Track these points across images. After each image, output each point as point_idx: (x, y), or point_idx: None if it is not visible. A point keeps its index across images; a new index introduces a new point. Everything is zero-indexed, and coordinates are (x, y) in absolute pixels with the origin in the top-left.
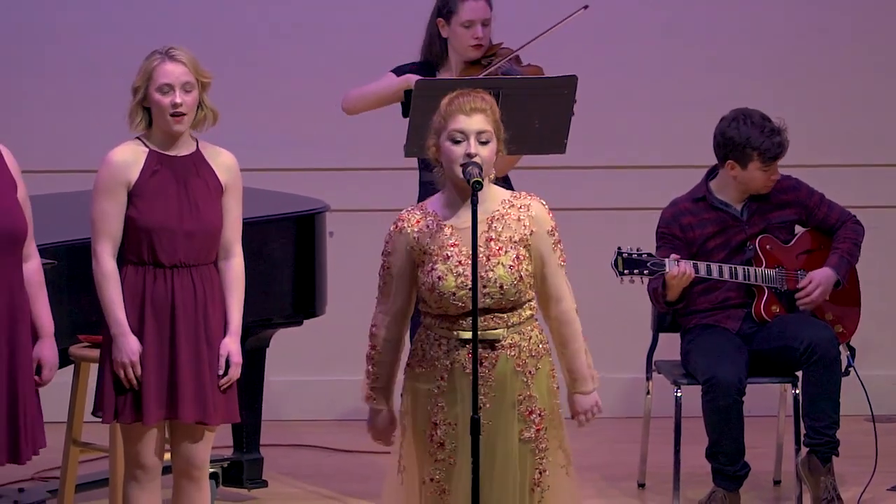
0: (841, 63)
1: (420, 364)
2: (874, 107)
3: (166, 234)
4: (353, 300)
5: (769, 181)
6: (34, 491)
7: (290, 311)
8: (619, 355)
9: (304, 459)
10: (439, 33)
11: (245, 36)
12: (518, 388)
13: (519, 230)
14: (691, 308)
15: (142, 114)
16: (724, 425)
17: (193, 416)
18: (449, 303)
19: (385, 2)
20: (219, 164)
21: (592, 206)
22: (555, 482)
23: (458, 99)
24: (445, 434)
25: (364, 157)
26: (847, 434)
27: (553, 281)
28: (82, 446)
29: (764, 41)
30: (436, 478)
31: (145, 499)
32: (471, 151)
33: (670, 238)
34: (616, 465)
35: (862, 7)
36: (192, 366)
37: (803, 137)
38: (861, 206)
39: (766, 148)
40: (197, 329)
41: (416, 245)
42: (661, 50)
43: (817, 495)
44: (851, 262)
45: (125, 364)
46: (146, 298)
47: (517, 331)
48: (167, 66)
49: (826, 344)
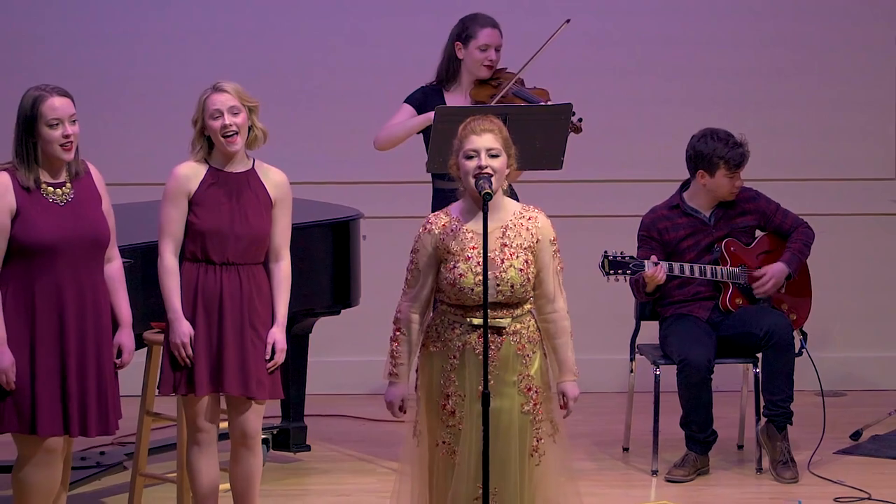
0: (795, 94)
1: (434, 344)
2: (824, 131)
3: (218, 236)
4: (383, 293)
5: (734, 188)
6: (113, 454)
7: (329, 302)
8: (607, 340)
9: (340, 427)
10: (456, 55)
11: (296, 72)
12: (518, 368)
13: (527, 238)
14: (668, 300)
15: (202, 142)
16: (696, 399)
17: (237, 390)
18: (467, 296)
19: (409, 44)
20: (269, 180)
21: (584, 213)
22: (546, 449)
23: (471, 123)
24: (456, 404)
25: (392, 173)
26: (800, 406)
27: (550, 284)
28: (154, 416)
29: (729, 75)
30: (447, 441)
31: (204, 461)
32: (482, 164)
33: (649, 240)
34: (605, 433)
35: (817, 48)
36: (237, 347)
37: (763, 156)
38: (812, 213)
39: (731, 157)
40: (242, 317)
41: (440, 244)
42: (642, 83)
43: (774, 458)
44: (802, 259)
45: (177, 344)
46: (198, 290)
47: (519, 321)
48: (215, 96)
49: (782, 330)
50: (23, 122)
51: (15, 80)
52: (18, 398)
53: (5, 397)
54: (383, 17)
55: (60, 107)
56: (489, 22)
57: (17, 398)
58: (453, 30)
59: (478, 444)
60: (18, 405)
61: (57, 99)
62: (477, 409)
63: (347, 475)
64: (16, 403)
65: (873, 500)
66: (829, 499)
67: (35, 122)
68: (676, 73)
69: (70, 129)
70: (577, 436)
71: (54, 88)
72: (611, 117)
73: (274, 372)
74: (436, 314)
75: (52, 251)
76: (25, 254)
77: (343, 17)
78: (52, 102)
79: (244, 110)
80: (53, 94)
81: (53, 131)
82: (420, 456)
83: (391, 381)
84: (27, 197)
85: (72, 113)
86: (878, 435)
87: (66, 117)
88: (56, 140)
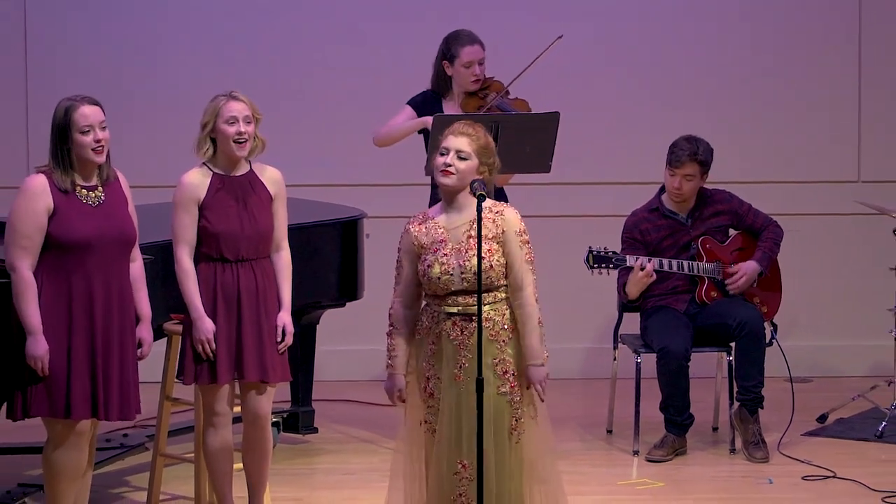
0: (768, 102)
1: (419, 332)
2: (793, 138)
3: (231, 237)
4: (385, 287)
5: (673, 187)
6: (135, 436)
7: (335, 296)
8: (592, 330)
9: (345, 411)
10: (445, 72)
11: (303, 81)
12: (493, 352)
13: (492, 230)
14: (649, 293)
15: (209, 143)
16: (674, 385)
17: (256, 377)
18: (436, 285)
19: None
20: (266, 177)
21: (570, 213)
22: (526, 429)
23: (455, 125)
24: (434, 386)
25: (393, 176)
26: (770, 392)
27: (517, 273)
28: (173, 401)
29: (707, 87)
30: (428, 420)
31: (219, 441)
32: (447, 161)
33: (632, 241)
34: (590, 416)
35: (782, 56)
36: (255, 337)
37: (738, 159)
38: (781, 213)
39: (671, 152)
40: (258, 308)
41: (416, 242)
42: (627, 96)
43: (746, 439)
44: (772, 256)
45: (202, 341)
46: (217, 286)
47: (493, 308)
48: (231, 104)
49: (754, 322)
50: (57, 130)
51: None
52: (52, 384)
53: (37, 383)
54: (387, 23)
55: (91, 114)
56: (469, 40)
57: (50, 384)
58: (440, 48)
59: (455, 423)
60: (51, 391)
61: (87, 107)
62: (452, 392)
63: (352, 455)
64: (48, 389)
65: (838, 478)
66: (798, 477)
67: (68, 129)
68: (656, 79)
69: (101, 135)
70: (565, 418)
71: (85, 98)
72: (596, 124)
73: (283, 354)
74: (424, 306)
75: (84, 248)
76: (61, 250)
77: (348, 26)
78: (84, 110)
79: (254, 121)
80: (84, 102)
81: (85, 137)
82: (410, 435)
83: (389, 371)
84: (63, 198)
85: (101, 120)
86: (843, 418)
87: (96, 124)
88: (88, 145)
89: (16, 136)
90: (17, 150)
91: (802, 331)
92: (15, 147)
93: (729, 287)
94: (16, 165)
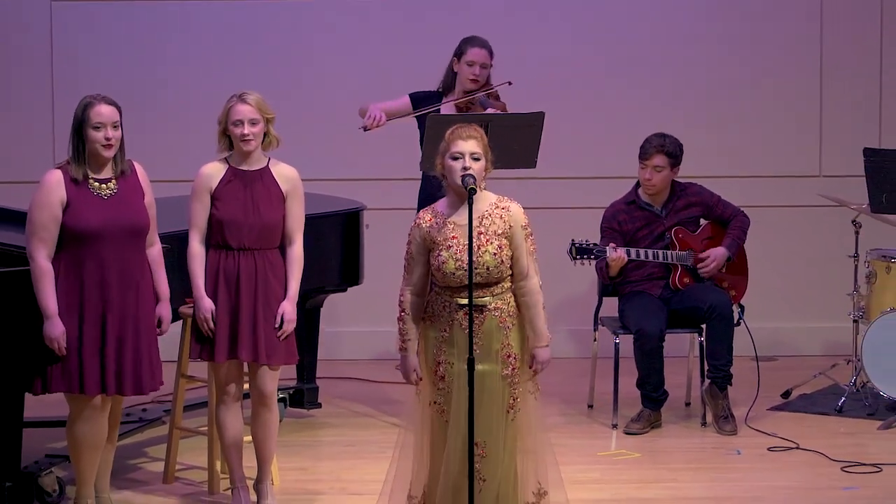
0: (738, 106)
1: (429, 318)
2: (759, 134)
3: (234, 225)
4: (383, 273)
5: (643, 178)
6: (153, 410)
7: (338, 281)
8: (574, 313)
9: (348, 388)
10: (453, 68)
11: (315, 83)
12: (500, 339)
13: (501, 226)
14: (626, 279)
15: (225, 139)
16: (649, 363)
17: (248, 357)
18: (451, 279)
19: (410, 49)
20: (281, 175)
21: (554, 206)
22: (524, 405)
23: (458, 129)
24: (446, 370)
25: (390, 171)
26: (738, 370)
27: (523, 263)
28: (188, 378)
29: (681, 90)
30: (438, 401)
31: (230, 417)
32: (466, 165)
33: (610, 231)
34: (572, 392)
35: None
36: (250, 320)
37: (709, 155)
38: (748, 205)
39: (641, 147)
40: (256, 294)
41: (427, 236)
42: (609, 97)
43: (716, 413)
44: (740, 243)
45: (201, 318)
46: (220, 272)
47: (500, 298)
48: (238, 106)
49: (723, 305)
50: (75, 124)
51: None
52: (67, 363)
53: (55, 362)
54: (387, 22)
55: (105, 113)
56: (479, 43)
57: (66, 363)
58: (458, 46)
59: (465, 404)
60: (67, 369)
61: (103, 106)
62: (464, 375)
63: (354, 429)
64: (64, 367)
65: (801, 449)
66: (764, 448)
67: (84, 124)
68: (632, 80)
69: (111, 133)
70: (549, 395)
71: (103, 98)
72: (576, 124)
73: (286, 339)
74: (431, 294)
75: (96, 237)
76: (75, 238)
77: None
78: (99, 109)
79: (262, 121)
80: (101, 102)
81: (97, 133)
82: (419, 414)
83: (402, 354)
84: (76, 191)
85: (115, 120)
86: (805, 394)
87: (108, 122)
88: (98, 140)
89: (42, 138)
90: (43, 151)
91: (768, 313)
92: (42, 148)
93: (700, 270)
94: (43, 165)
